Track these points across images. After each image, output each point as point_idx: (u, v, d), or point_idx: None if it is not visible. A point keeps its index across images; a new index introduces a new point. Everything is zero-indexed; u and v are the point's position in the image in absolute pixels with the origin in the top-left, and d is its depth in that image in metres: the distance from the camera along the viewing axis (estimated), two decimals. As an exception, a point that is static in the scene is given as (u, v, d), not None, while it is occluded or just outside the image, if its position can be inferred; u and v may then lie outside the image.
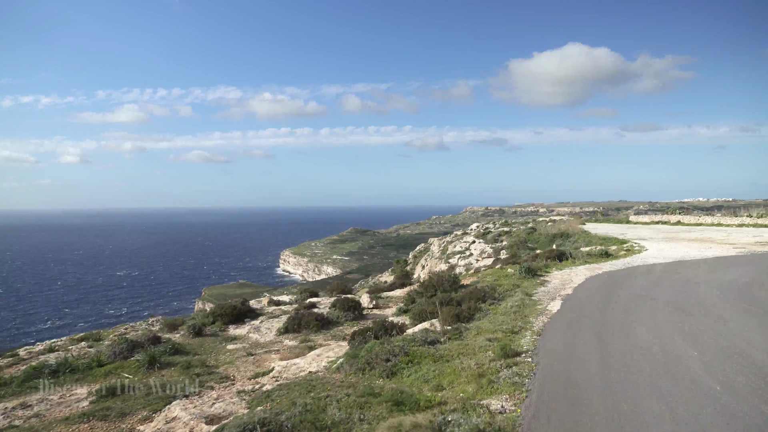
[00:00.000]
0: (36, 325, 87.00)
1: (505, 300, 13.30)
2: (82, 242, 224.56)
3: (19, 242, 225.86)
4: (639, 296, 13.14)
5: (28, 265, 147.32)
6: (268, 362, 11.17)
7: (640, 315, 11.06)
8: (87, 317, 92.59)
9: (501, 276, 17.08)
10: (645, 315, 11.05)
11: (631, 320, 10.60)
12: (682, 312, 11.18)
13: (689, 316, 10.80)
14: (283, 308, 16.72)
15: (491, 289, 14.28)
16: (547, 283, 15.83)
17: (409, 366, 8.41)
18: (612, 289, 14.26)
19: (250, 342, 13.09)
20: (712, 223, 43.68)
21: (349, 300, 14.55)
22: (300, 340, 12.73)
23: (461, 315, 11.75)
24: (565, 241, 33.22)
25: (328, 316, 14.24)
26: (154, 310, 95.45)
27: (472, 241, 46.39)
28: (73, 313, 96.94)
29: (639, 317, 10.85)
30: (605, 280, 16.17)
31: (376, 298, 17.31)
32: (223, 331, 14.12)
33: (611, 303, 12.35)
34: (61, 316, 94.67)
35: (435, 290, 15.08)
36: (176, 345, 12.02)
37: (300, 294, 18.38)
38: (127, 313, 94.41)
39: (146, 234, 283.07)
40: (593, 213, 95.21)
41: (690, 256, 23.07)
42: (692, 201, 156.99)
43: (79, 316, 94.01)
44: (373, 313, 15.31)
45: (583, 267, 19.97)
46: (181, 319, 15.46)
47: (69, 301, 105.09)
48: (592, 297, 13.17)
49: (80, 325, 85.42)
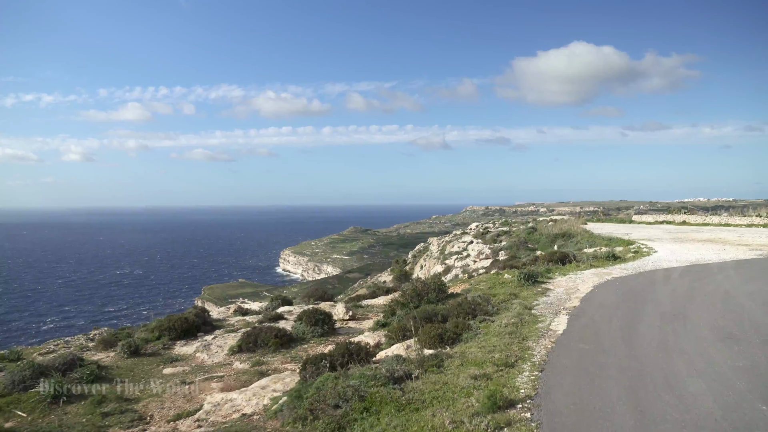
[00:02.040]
0: (37, 323, 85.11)
1: (500, 314, 10.91)
2: (84, 240, 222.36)
3: (22, 240, 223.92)
4: (671, 316, 10.55)
5: (29, 264, 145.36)
6: (203, 393, 8.82)
7: (686, 351, 8.14)
8: (88, 316, 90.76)
9: (496, 283, 14.66)
10: (693, 351, 8.11)
11: (677, 362, 7.64)
12: (745, 345, 8.23)
13: (760, 351, 7.89)
14: (247, 319, 14.36)
15: (484, 300, 11.88)
16: (550, 292, 13.42)
17: (364, 417, 6.02)
18: (632, 304, 11.79)
19: (194, 364, 10.75)
20: (719, 223, 41.20)
21: (318, 312, 12.19)
22: (252, 363, 10.38)
23: (445, 335, 9.36)
24: (567, 242, 30.77)
25: (291, 331, 11.89)
26: (155, 309, 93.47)
27: (470, 242, 43.99)
28: (74, 311, 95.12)
29: (686, 356, 7.84)
30: (619, 290, 13.72)
31: (355, 307, 14.94)
32: (168, 349, 11.78)
33: (637, 327, 9.71)
34: (62, 314, 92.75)
35: (419, 300, 12.70)
36: (96, 371, 9.67)
37: (271, 302, 16.01)
38: (127, 312, 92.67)
39: (149, 233, 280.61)
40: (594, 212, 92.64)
41: (706, 259, 20.66)
42: (693, 201, 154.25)
43: (80, 315, 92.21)
44: (348, 327, 12.94)
45: (590, 272, 17.54)
46: (126, 332, 13.13)
47: (70, 300, 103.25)
48: (609, 315, 10.66)
49: (81, 323, 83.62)
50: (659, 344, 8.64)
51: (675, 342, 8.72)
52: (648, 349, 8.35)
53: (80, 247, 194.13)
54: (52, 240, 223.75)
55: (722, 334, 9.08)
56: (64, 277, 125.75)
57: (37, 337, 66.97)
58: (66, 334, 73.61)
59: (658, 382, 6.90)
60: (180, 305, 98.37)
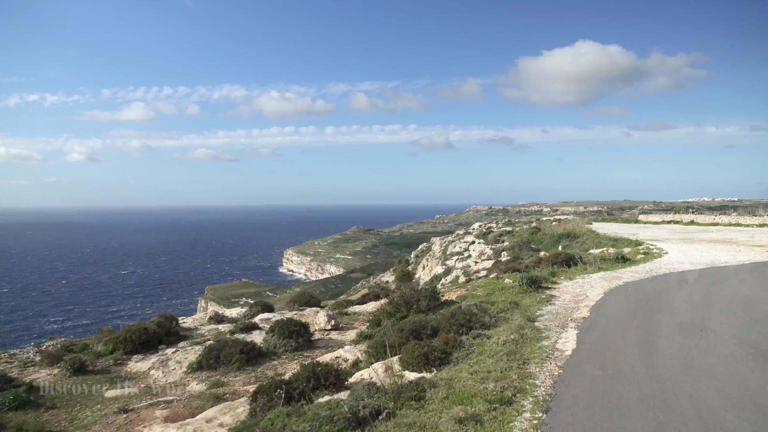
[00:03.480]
0: (41, 323, 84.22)
1: (498, 327, 9.32)
2: (87, 240, 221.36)
3: (25, 240, 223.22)
4: (691, 327, 9.02)
5: (33, 263, 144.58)
6: (142, 425, 7.29)
7: (714, 372, 6.71)
8: (91, 315, 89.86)
9: (496, 289, 13.04)
10: (722, 372, 6.70)
11: (707, 388, 6.23)
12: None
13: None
14: (220, 328, 12.81)
15: (480, 310, 10.28)
16: (555, 300, 11.82)
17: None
18: (647, 314, 10.20)
19: (145, 384, 9.21)
20: (729, 222, 39.47)
21: (293, 323, 10.61)
22: (210, 384, 8.84)
23: (431, 355, 7.78)
24: (572, 242, 29.11)
25: (262, 344, 10.34)
26: (157, 309, 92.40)
27: (472, 242, 42.31)
28: (77, 311, 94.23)
29: (716, 379, 6.44)
30: (632, 297, 12.11)
31: (340, 315, 13.38)
32: (121, 365, 10.25)
33: (656, 342, 8.16)
34: (66, 314, 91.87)
35: (408, 309, 11.13)
36: (22, 395, 8.15)
37: (249, 308, 14.45)
38: (130, 312, 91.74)
39: (152, 232, 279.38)
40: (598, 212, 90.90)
41: (721, 261, 19.03)
42: (697, 201, 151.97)
43: (83, 315, 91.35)
44: (329, 339, 11.38)
45: (598, 275, 15.91)
46: (82, 344, 11.62)
47: (74, 300, 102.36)
48: (623, 328, 9.06)
49: (84, 323, 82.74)
50: (683, 364, 7.17)
51: (700, 361, 7.30)
52: (671, 371, 6.87)
53: (83, 246, 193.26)
54: (55, 240, 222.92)
55: (751, 350, 7.66)
56: (68, 276, 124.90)
57: (41, 337, 65.90)
58: (70, 333, 72.46)
59: (688, 418, 5.49)
60: (184, 305, 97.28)
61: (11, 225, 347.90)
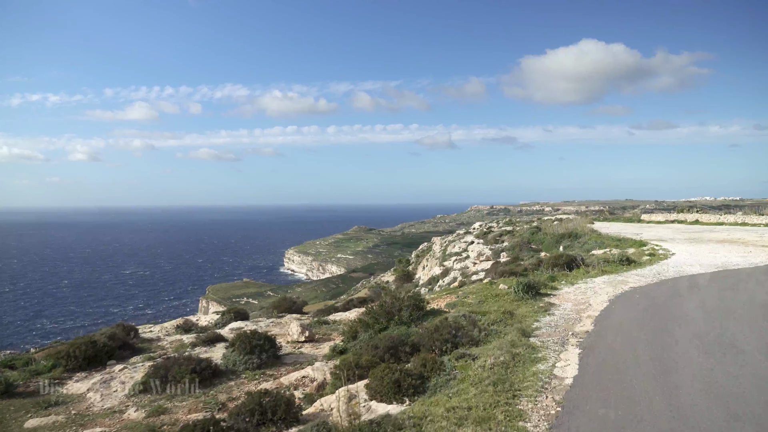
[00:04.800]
0: (42, 323, 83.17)
1: (487, 344, 7.93)
2: (90, 240, 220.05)
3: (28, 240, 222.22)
4: (711, 340, 7.65)
5: (35, 263, 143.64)
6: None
7: (747, 401, 5.50)
8: (93, 315, 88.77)
9: (489, 295, 11.63)
10: (759, 402, 5.46)
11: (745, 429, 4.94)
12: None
13: None
14: (184, 339, 11.44)
15: (469, 321, 8.89)
16: (554, 309, 10.41)
17: None
18: (659, 325, 8.78)
19: (77, 410, 7.85)
20: (735, 222, 37.93)
21: (257, 336, 9.22)
22: (150, 411, 7.48)
23: (404, 382, 6.39)
24: (573, 243, 27.62)
25: (221, 361, 8.97)
26: (159, 308, 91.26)
27: (471, 242, 40.85)
28: (79, 311, 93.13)
29: (754, 416, 5.16)
30: (640, 304, 10.69)
31: (319, 324, 11.99)
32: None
33: (672, 364, 6.75)
34: (67, 314, 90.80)
35: (389, 320, 9.74)
36: None
37: (222, 316, 13.05)
38: (131, 312, 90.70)
39: (154, 232, 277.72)
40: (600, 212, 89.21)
41: (733, 263, 17.61)
42: (699, 200, 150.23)
43: (85, 315, 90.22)
44: (299, 353, 9.98)
45: (602, 279, 14.48)
46: (25, 358, 10.28)
47: (75, 299, 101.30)
48: (633, 344, 7.62)
49: (85, 323, 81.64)
50: (709, 392, 5.83)
51: (729, 387, 5.97)
52: (698, 406, 5.50)
53: (86, 246, 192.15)
54: (58, 239, 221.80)
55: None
56: (70, 276, 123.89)
57: (43, 338, 64.87)
58: (71, 333, 71.19)
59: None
60: (185, 305, 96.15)
61: (13, 225, 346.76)
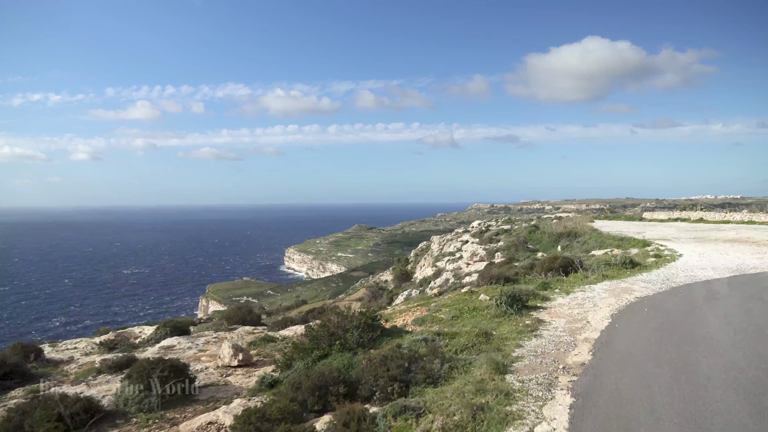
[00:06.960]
0: (43, 323, 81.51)
1: (447, 384, 5.81)
2: (91, 240, 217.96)
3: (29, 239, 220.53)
4: (750, 376, 5.58)
5: (37, 263, 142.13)
6: None
7: None
8: (94, 315, 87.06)
9: (465, 309, 9.49)
10: None
11: None
12: None
13: None
14: (98, 361, 9.31)
15: (430, 349, 6.77)
16: (543, 328, 8.28)
17: None
18: (677, 351, 6.71)
19: None
20: (741, 220, 35.77)
21: (161, 365, 7.03)
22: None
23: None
24: (572, 242, 25.41)
25: (111, 399, 6.84)
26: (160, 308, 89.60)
27: (466, 241, 38.65)
28: (79, 310, 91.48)
29: None
30: (651, 322, 8.55)
31: (264, 342, 9.88)
32: None
33: (707, 420, 4.68)
34: (69, 314, 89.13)
35: (331, 343, 7.62)
36: None
37: (157, 330, 10.92)
38: (132, 312, 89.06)
39: (155, 232, 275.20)
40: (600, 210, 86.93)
41: (749, 266, 15.48)
42: (700, 198, 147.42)
43: (85, 314, 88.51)
44: (224, 384, 7.86)
45: (603, 286, 12.32)
46: None
47: (76, 299, 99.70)
48: (647, 385, 5.56)
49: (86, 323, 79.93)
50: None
51: None
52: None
53: (87, 246, 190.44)
54: (59, 239, 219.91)
55: None
56: (71, 276, 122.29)
57: (44, 338, 63.16)
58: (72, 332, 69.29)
59: None
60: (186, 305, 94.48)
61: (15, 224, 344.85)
